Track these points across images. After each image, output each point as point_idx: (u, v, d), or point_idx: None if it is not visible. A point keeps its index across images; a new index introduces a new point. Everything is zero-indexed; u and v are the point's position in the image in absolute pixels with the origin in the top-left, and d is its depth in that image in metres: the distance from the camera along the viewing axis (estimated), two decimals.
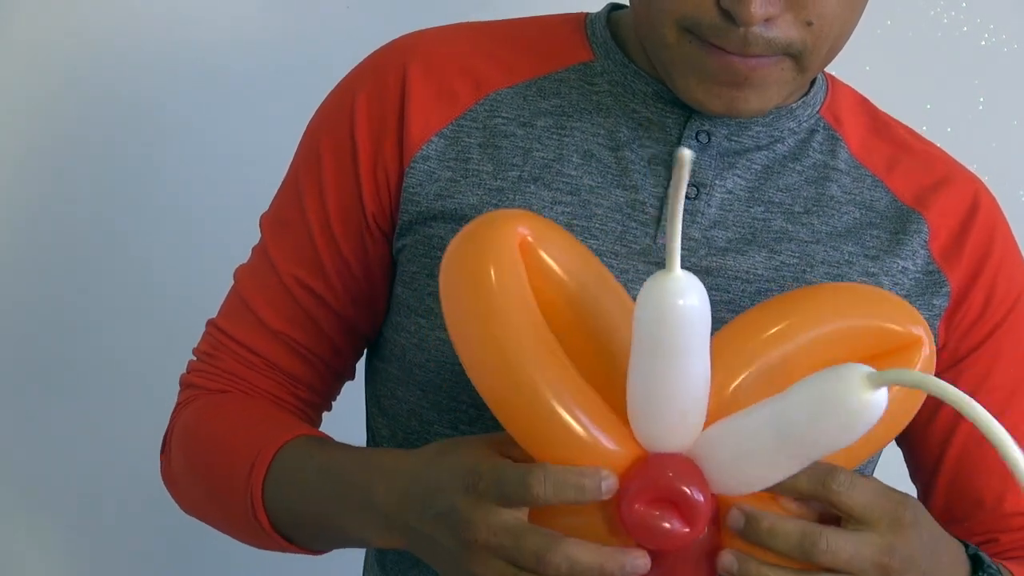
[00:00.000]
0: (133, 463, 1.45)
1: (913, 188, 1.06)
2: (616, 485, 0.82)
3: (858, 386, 0.77)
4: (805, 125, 1.06)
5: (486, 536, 0.83)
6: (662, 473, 0.82)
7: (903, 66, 1.54)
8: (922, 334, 0.89)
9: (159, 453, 1.13)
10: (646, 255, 1.00)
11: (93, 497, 1.53)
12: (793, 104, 1.05)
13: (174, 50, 1.47)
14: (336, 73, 1.10)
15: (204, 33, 1.47)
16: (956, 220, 1.06)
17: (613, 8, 1.09)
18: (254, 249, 1.11)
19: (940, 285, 1.04)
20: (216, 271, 1.17)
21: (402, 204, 1.04)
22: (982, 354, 1.06)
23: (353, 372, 1.15)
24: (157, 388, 1.24)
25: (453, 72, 1.05)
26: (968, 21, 1.56)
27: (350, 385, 1.16)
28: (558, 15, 1.10)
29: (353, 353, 1.13)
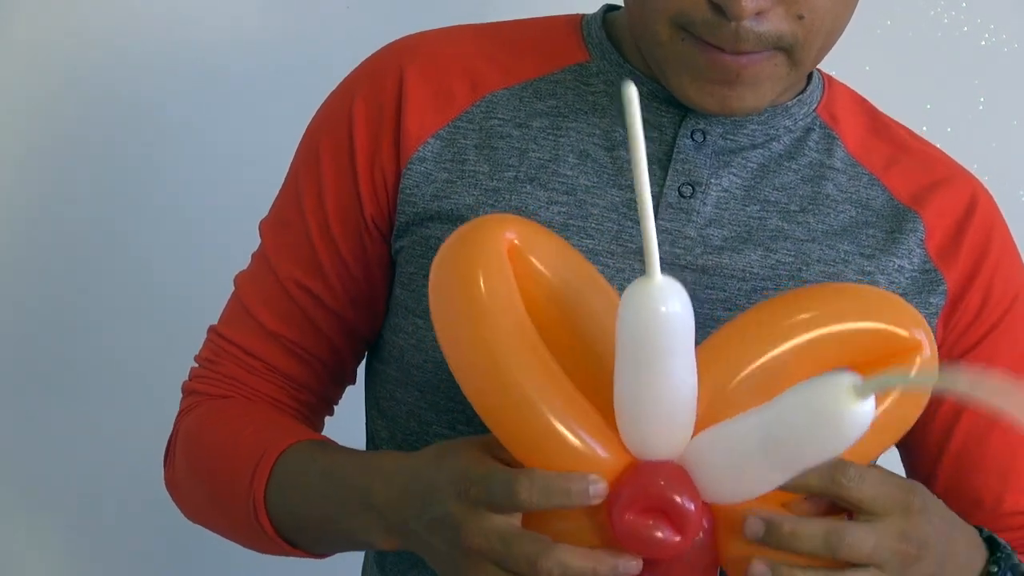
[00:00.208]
0: (133, 463, 1.45)
1: (910, 187, 1.06)
2: (605, 489, 0.82)
3: (844, 396, 0.76)
4: (801, 123, 1.06)
5: (479, 541, 0.83)
6: (652, 482, 0.82)
7: (903, 66, 1.54)
8: (922, 337, 0.89)
9: (161, 455, 1.14)
10: (641, 254, 1.00)
11: (93, 497, 1.53)
12: (789, 102, 1.05)
13: (174, 50, 1.47)
14: (336, 73, 1.10)
15: (204, 33, 1.47)
16: (953, 219, 1.06)
17: (609, 9, 1.10)
18: (254, 255, 1.12)
19: (937, 284, 1.04)
20: (216, 271, 1.17)
21: (399, 205, 1.04)
22: (979, 353, 1.06)
23: (354, 376, 1.15)
24: (157, 388, 1.24)
25: (450, 74, 1.05)
26: (968, 21, 1.56)
27: (351, 389, 1.16)
28: (554, 16, 1.10)
29: (353, 355, 1.13)
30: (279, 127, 1.22)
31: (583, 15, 1.10)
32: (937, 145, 1.12)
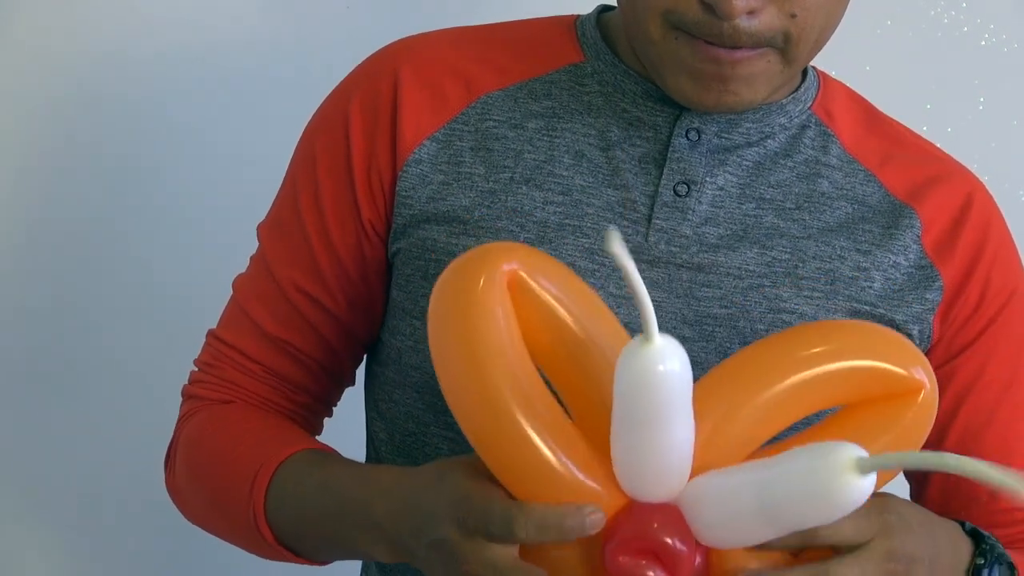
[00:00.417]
0: (133, 463, 1.45)
1: (906, 183, 1.06)
2: (603, 520, 0.83)
3: (845, 471, 0.77)
4: (796, 121, 1.06)
5: (476, 569, 0.85)
6: (646, 524, 0.83)
7: (903, 66, 1.54)
8: (922, 376, 0.89)
9: (161, 456, 1.14)
10: (638, 253, 1.01)
11: (93, 497, 1.53)
12: (784, 100, 1.06)
13: (174, 51, 1.47)
14: (336, 74, 1.10)
15: (204, 34, 1.47)
16: (949, 215, 1.06)
17: (603, 10, 1.10)
18: (252, 258, 1.12)
19: (932, 279, 1.05)
20: (216, 271, 1.17)
21: (396, 208, 1.04)
22: (977, 349, 1.06)
23: (353, 378, 1.15)
24: (157, 388, 1.24)
25: (445, 75, 1.05)
26: (968, 21, 1.56)
27: (351, 392, 1.16)
28: (548, 18, 1.10)
29: (351, 358, 1.13)
30: (279, 127, 1.22)
31: (577, 16, 1.10)
32: (937, 145, 1.12)
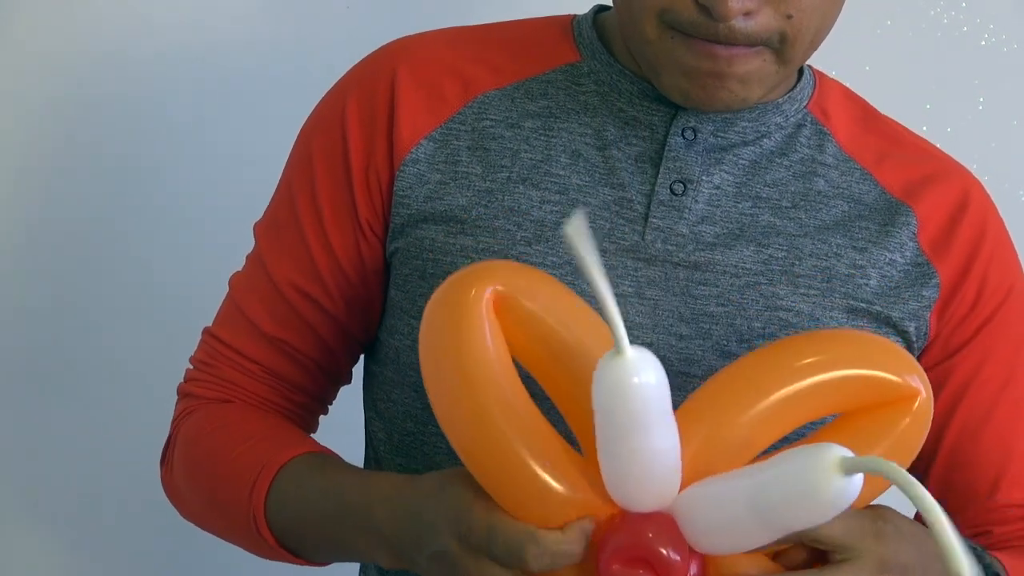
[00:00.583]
0: (133, 463, 1.45)
1: (902, 181, 1.07)
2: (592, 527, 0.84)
3: (830, 471, 0.78)
4: (792, 120, 1.06)
5: None
6: (640, 533, 0.83)
7: (903, 66, 1.54)
8: (918, 384, 0.89)
9: (159, 461, 1.14)
10: (634, 251, 1.01)
11: (93, 497, 1.54)
12: (779, 99, 1.06)
13: (175, 51, 1.47)
14: (337, 74, 1.10)
15: (204, 34, 1.48)
16: (946, 213, 1.06)
17: (600, 10, 1.10)
18: (248, 257, 1.12)
19: (929, 277, 1.05)
20: (216, 272, 1.17)
21: (393, 207, 1.05)
22: (974, 348, 1.06)
23: (350, 376, 1.15)
24: (157, 388, 1.24)
25: (442, 75, 1.06)
26: (968, 21, 1.56)
27: (350, 392, 1.16)
28: (545, 18, 1.11)
29: (348, 357, 1.13)
30: (279, 127, 1.22)
31: (574, 16, 1.10)
32: (937, 145, 1.12)
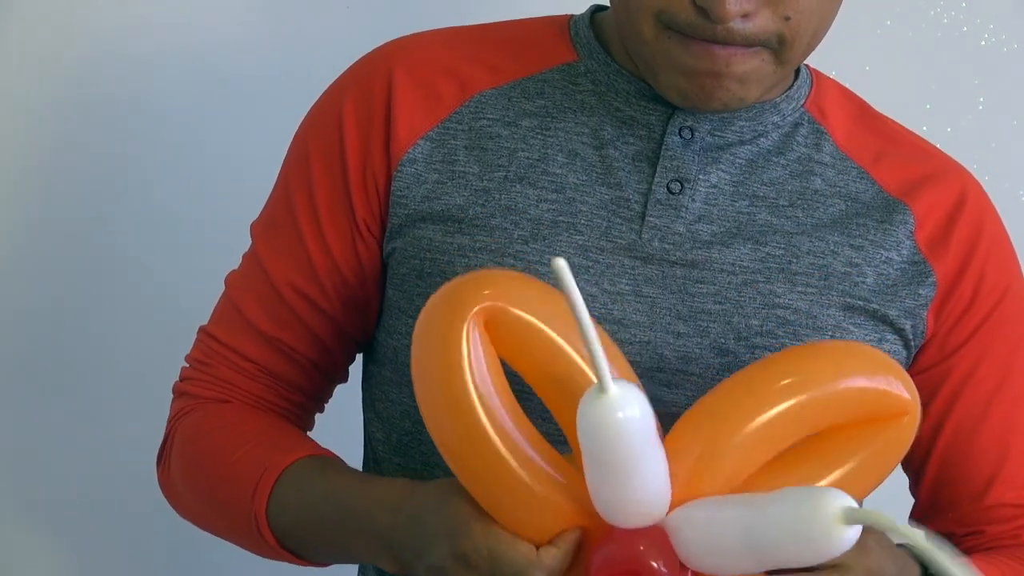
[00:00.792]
0: (132, 463, 1.44)
1: (900, 180, 1.07)
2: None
3: (833, 521, 0.79)
4: (789, 119, 1.07)
5: None
6: (632, 547, 0.84)
7: (903, 66, 1.54)
8: (902, 391, 0.90)
9: (156, 461, 1.14)
10: (631, 250, 1.01)
11: (93, 497, 1.53)
12: (776, 98, 1.06)
13: (173, 51, 1.47)
14: (336, 74, 1.11)
15: (204, 35, 1.48)
16: (943, 211, 1.06)
17: (597, 10, 1.10)
18: (244, 256, 1.12)
19: (926, 275, 1.05)
20: (215, 272, 1.17)
21: (391, 207, 1.05)
22: (972, 347, 1.06)
23: (346, 375, 1.15)
24: (157, 388, 1.24)
25: (438, 75, 1.06)
26: (968, 21, 1.56)
27: (348, 392, 1.16)
28: (542, 18, 1.11)
29: (345, 356, 1.13)
30: (279, 128, 1.21)
31: (571, 16, 1.10)
32: (937, 145, 1.12)
